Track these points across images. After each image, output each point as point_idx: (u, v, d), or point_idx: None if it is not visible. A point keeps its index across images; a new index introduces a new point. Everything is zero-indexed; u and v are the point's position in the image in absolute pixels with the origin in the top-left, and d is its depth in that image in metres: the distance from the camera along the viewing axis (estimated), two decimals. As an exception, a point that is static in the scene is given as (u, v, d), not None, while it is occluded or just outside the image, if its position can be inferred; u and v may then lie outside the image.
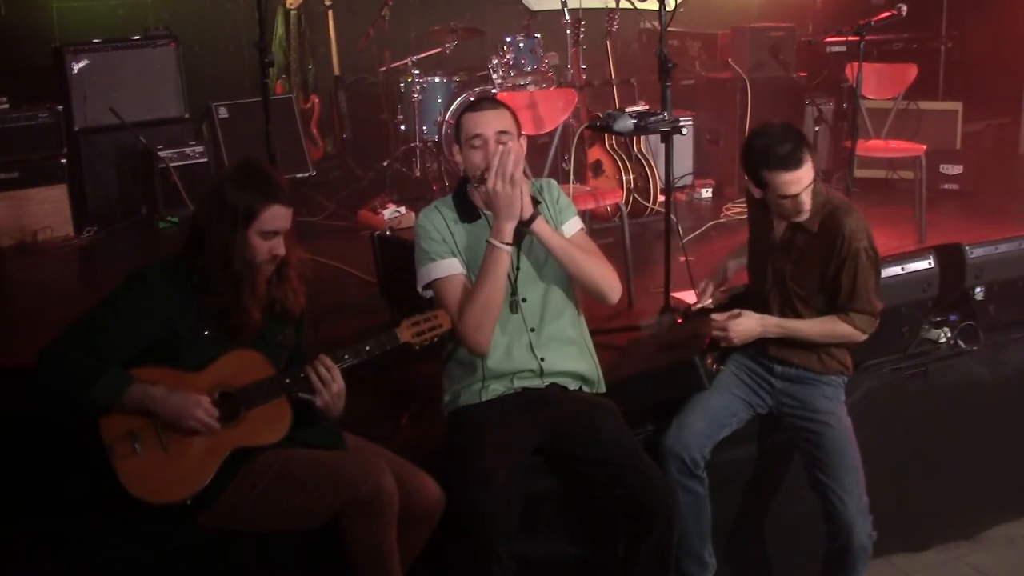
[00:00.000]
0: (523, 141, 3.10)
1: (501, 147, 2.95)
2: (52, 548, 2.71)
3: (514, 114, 3.08)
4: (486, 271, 2.96)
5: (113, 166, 6.23)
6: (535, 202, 3.09)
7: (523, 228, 3.00)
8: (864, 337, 3.24)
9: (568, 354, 3.14)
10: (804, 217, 3.18)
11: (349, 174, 6.99)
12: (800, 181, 3.09)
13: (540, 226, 3.00)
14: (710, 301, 3.46)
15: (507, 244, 2.94)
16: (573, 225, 3.18)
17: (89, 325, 2.65)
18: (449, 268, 3.05)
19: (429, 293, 3.09)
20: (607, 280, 3.09)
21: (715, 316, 3.27)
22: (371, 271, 4.46)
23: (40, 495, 2.90)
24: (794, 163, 3.07)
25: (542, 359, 3.09)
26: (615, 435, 3.01)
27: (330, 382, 2.75)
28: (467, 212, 3.11)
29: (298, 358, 2.90)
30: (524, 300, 3.09)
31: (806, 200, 3.14)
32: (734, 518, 3.51)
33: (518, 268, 3.08)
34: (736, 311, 3.25)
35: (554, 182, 3.27)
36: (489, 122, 3.00)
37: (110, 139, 6.19)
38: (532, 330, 3.09)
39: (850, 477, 3.18)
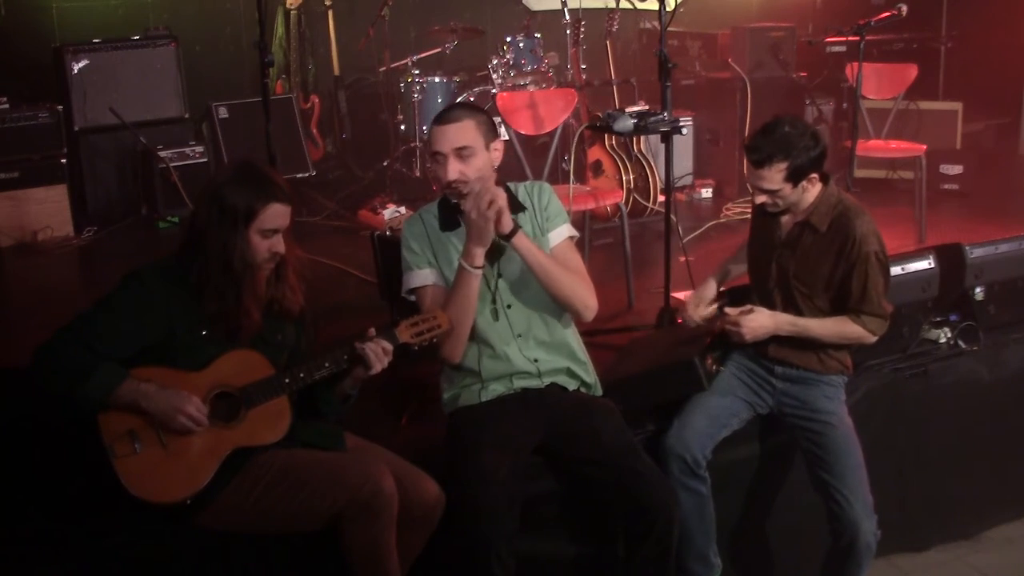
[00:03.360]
0: (499, 145, 3.04)
1: (479, 185, 2.93)
2: (52, 548, 2.70)
3: (483, 120, 3.01)
4: (455, 291, 2.97)
5: (113, 166, 6.23)
6: (520, 207, 3.08)
7: (503, 242, 2.99)
8: (875, 339, 3.23)
9: (559, 356, 3.14)
10: (775, 210, 3.17)
11: (349, 174, 6.98)
12: (761, 177, 3.09)
13: (519, 241, 2.98)
14: (709, 311, 3.42)
15: (476, 268, 2.94)
16: (560, 233, 3.15)
17: (85, 323, 2.64)
18: (424, 279, 3.07)
19: (412, 297, 3.12)
20: (581, 299, 3.07)
21: (728, 310, 3.25)
22: (371, 271, 4.46)
23: (40, 495, 2.90)
24: (756, 160, 3.09)
25: (535, 360, 3.10)
26: (615, 435, 3.01)
27: (383, 356, 2.80)
28: (448, 220, 3.11)
29: (298, 357, 2.90)
30: (509, 307, 3.09)
31: (769, 200, 3.13)
32: (738, 518, 3.52)
33: (500, 275, 3.08)
34: (748, 307, 3.23)
35: (547, 186, 3.23)
36: (447, 138, 2.95)
37: (110, 139, 6.20)
38: (519, 336, 3.10)
39: (854, 476, 3.18)
